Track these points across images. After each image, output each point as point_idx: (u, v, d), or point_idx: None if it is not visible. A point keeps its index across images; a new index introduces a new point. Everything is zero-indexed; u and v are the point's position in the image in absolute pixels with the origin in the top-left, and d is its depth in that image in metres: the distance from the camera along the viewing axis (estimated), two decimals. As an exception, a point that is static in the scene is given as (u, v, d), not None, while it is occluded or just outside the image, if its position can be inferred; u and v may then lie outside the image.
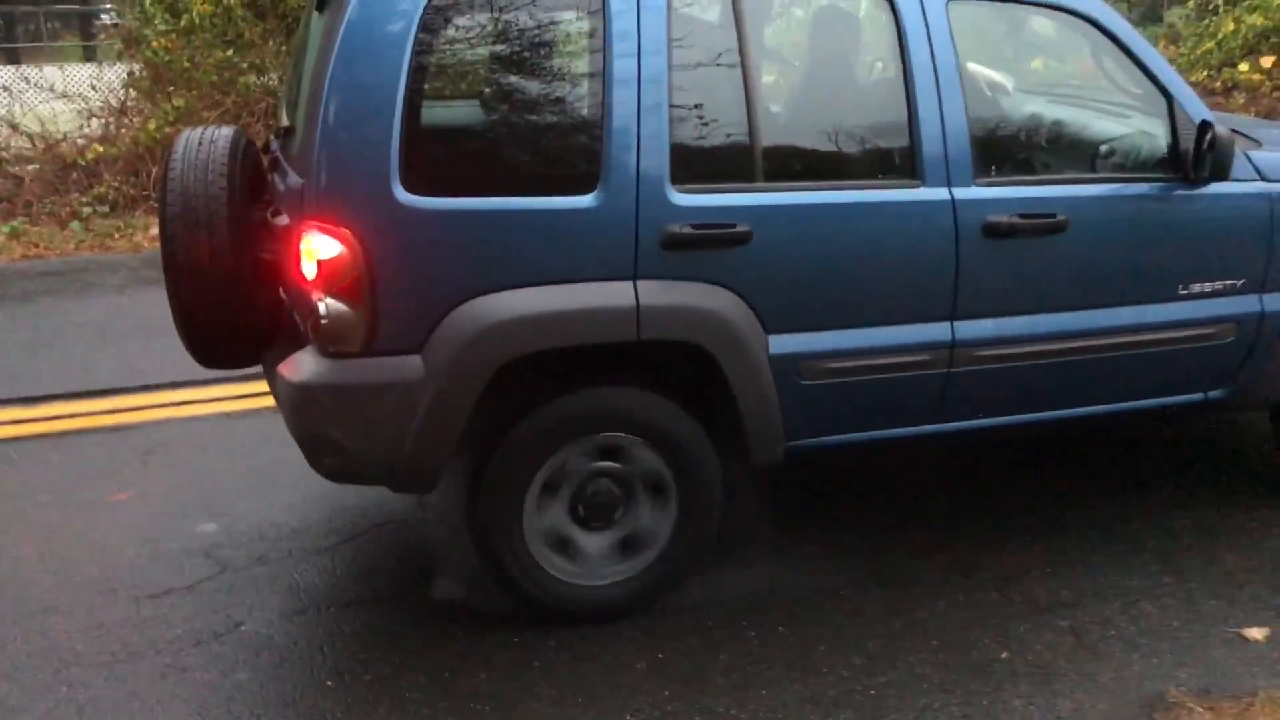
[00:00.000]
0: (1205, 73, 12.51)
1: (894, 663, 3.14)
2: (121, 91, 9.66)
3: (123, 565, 3.66)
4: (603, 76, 2.98)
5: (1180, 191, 3.45)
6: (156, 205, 8.30)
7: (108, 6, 21.57)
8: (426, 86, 2.96)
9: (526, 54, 3.07)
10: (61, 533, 3.87)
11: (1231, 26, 12.29)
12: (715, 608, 3.38)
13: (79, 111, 9.46)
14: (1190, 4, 13.98)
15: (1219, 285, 3.55)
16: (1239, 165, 3.50)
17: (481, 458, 3.11)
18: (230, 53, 9.31)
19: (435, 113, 3.02)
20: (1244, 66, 11.88)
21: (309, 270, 2.91)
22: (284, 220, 3.09)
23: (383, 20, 2.89)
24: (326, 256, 2.86)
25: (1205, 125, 3.35)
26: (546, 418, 3.08)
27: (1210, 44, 12.51)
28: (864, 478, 4.15)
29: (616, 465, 3.19)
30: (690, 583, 3.40)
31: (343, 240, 2.85)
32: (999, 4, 3.53)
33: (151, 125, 8.95)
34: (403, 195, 2.86)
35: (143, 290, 6.90)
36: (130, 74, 9.88)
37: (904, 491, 4.06)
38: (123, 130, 9.28)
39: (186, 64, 9.18)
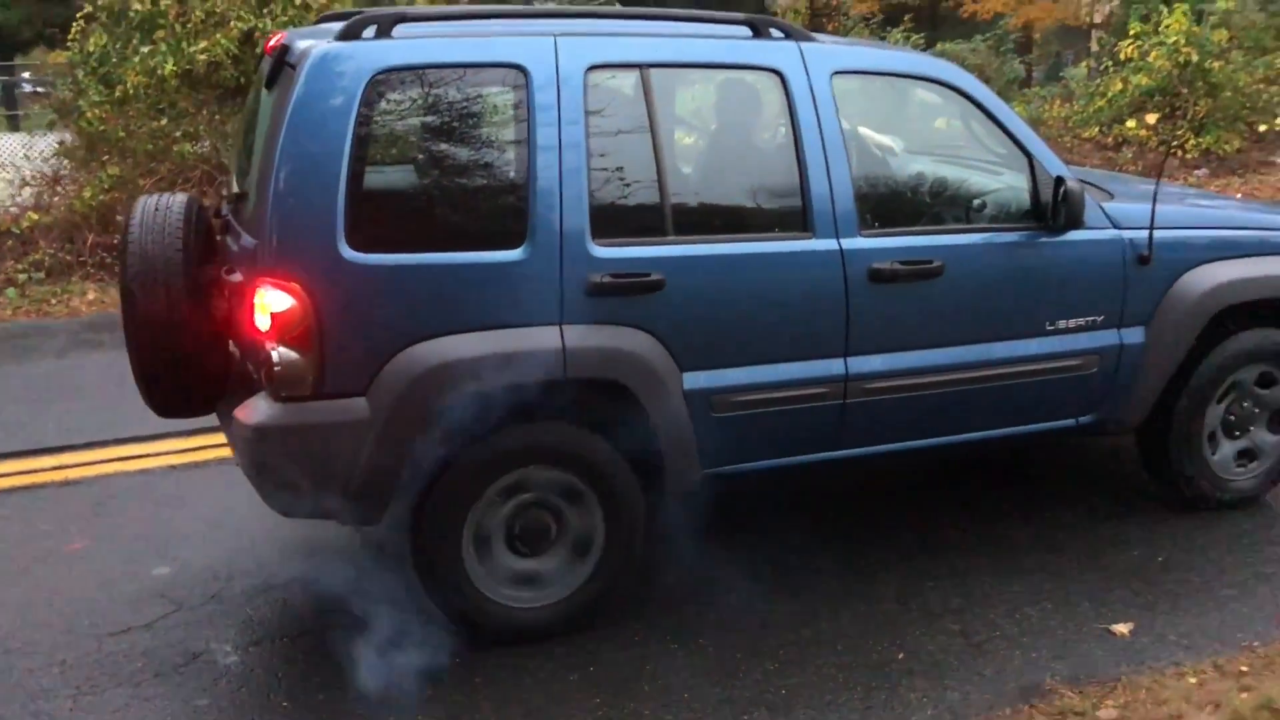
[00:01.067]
0: (1098, 128, 13.33)
1: (803, 666, 3.47)
2: (54, 160, 9.83)
3: (82, 607, 3.86)
4: (528, 144, 3.34)
5: (1043, 239, 3.89)
6: (116, 266, 8.50)
7: (26, 76, 21.63)
8: (368, 155, 3.29)
9: (458, 125, 3.43)
10: (19, 581, 4.06)
11: (1120, 86, 13.14)
12: (642, 624, 3.68)
13: (8, 181, 9.62)
14: (1084, 65, 14.88)
15: (1081, 321, 3.99)
16: (1094, 215, 3.96)
17: (424, 490, 3.40)
18: (164, 121, 9.53)
19: (376, 178, 3.36)
20: (1131, 123, 12.69)
21: (263, 322, 3.21)
22: (237, 277, 3.38)
23: (327, 96, 3.22)
24: (279, 309, 3.16)
25: (1059, 180, 3.81)
26: (482, 452, 3.39)
27: (1101, 102, 13.35)
28: (772, 502, 4.48)
29: (548, 496, 3.50)
30: (619, 603, 3.70)
31: (293, 294, 3.15)
32: (877, 77, 3.99)
33: (87, 193, 9.12)
34: (348, 253, 3.18)
35: (83, 353, 7.07)
36: (62, 143, 10.07)
37: (810, 514, 4.41)
38: (56, 198, 9.44)
39: (121, 133, 9.39)
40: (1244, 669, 3.38)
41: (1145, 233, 3.99)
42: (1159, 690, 3.29)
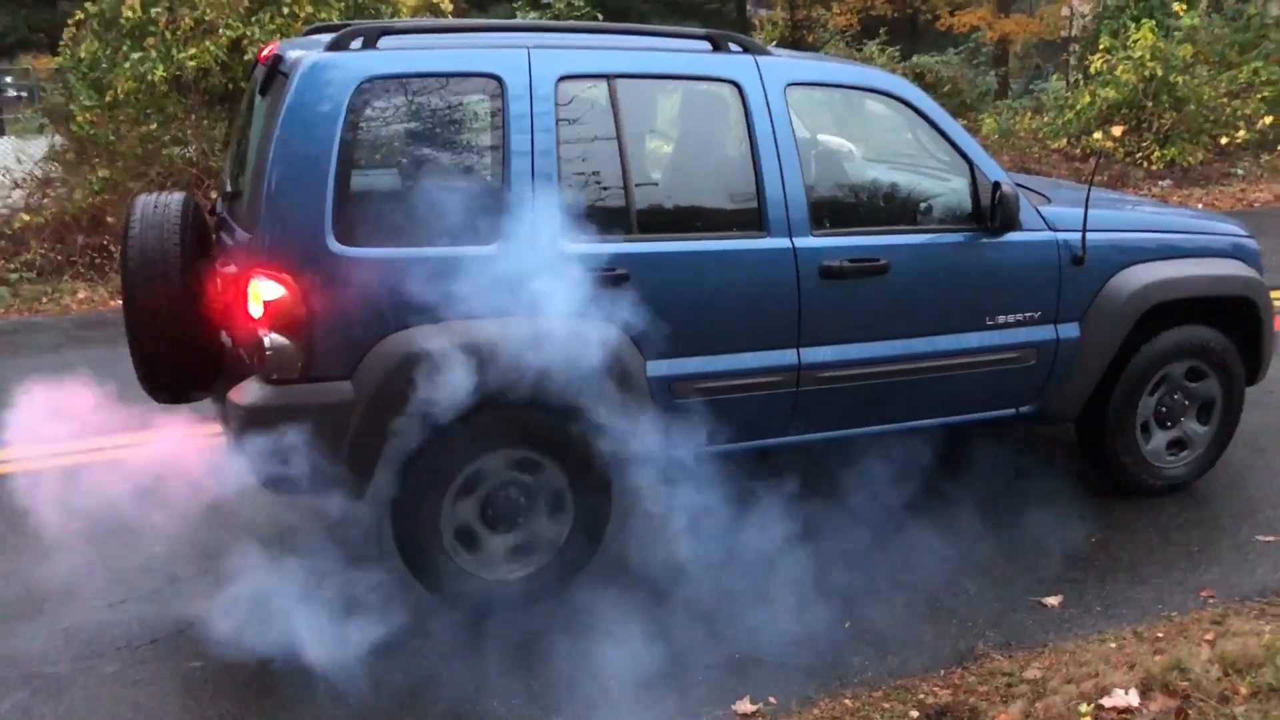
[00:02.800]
0: (1066, 140, 13.69)
1: (753, 634, 3.72)
2: (45, 164, 10.05)
3: (81, 581, 4.09)
4: (503, 149, 3.62)
5: (982, 240, 4.19)
6: (111, 264, 8.64)
7: (9, 80, 21.79)
8: (354, 157, 3.55)
9: (438, 130, 3.71)
10: (18, 559, 4.29)
11: (1088, 99, 13.50)
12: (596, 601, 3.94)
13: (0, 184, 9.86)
14: (1055, 78, 15.25)
15: (1020, 317, 4.29)
16: (1031, 218, 4.26)
17: (409, 464, 3.65)
18: (154, 126, 9.76)
19: (362, 179, 3.62)
20: (1098, 135, 13.05)
21: (256, 310, 3.47)
22: (232, 269, 3.64)
23: (317, 102, 3.49)
24: (271, 298, 3.43)
25: (996, 185, 4.11)
26: (467, 430, 3.64)
27: (1070, 114, 13.71)
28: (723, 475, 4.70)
29: (522, 475, 3.77)
30: (581, 583, 3.95)
31: (285, 284, 3.42)
32: (829, 88, 4.29)
33: (78, 195, 9.35)
34: (336, 246, 3.45)
35: (79, 349, 7.30)
36: (52, 147, 10.30)
37: (756, 489, 4.55)
38: (47, 200, 9.66)
39: (111, 137, 9.62)
40: (1159, 635, 3.67)
41: (1079, 234, 4.29)
42: (1081, 654, 3.57)
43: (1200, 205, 11.51)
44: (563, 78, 3.71)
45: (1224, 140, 13.19)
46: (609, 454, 3.80)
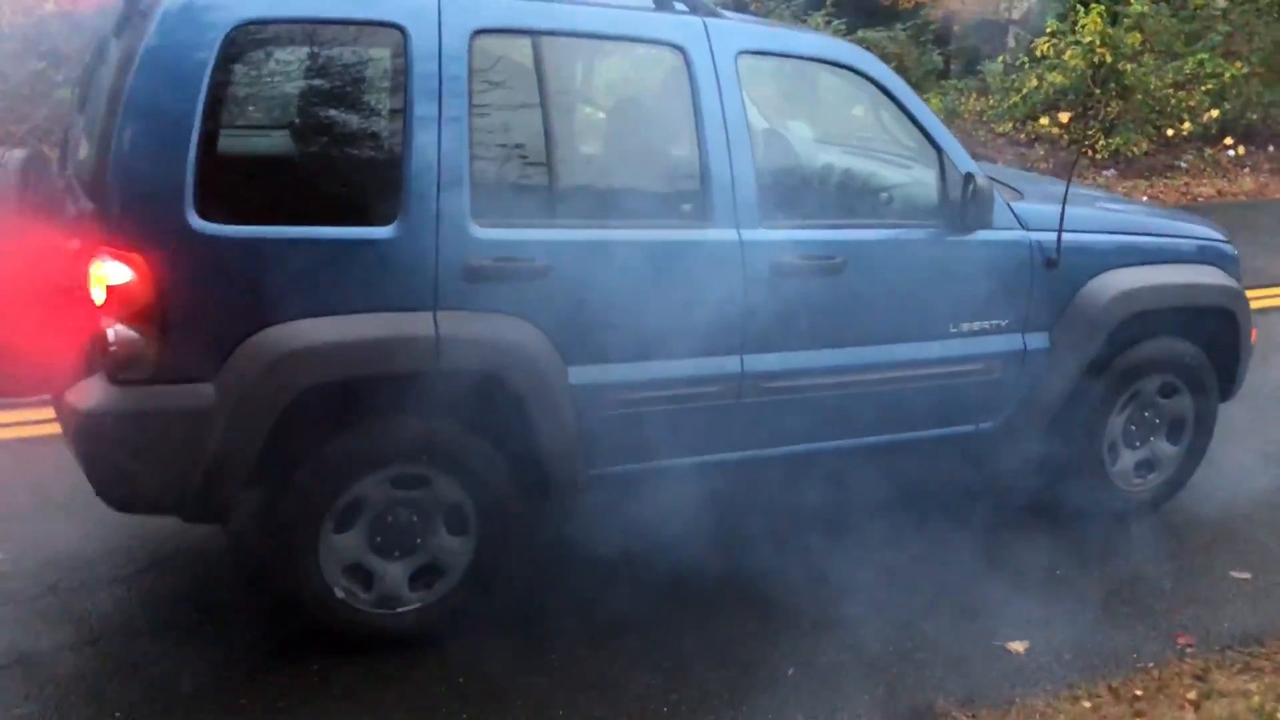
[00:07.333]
0: (1012, 124, 13.40)
1: (687, 681, 3.26)
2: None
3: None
4: (404, 113, 3.06)
5: (949, 238, 3.73)
6: None
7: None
8: (225, 114, 2.99)
9: (328, 87, 3.14)
10: None
11: (1034, 82, 13.20)
12: (518, 630, 3.45)
13: None
14: (1000, 60, 14.94)
15: (985, 325, 3.85)
16: (1002, 215, 3.81)
17: (278, 487, 3.11)
18: (44, 65, 8.98)
19: (234, 141, 3.05)
20: (1044, 120, 12.77)
21: (98, 296, 2.88)
22: (73, 246, 3.05)
23: (181, 49, 2.90)
24: (117, 282, 2.85)
25: (969, 177, 3.65)
26: (343, 447, 3.11)
27: (1016, 98, 13.40)
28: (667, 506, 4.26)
29: (416, 494, 3.24)
30: (493, 608, 3.46)
31: (134, 266, 2.84)
32: (786, 59, 3.78)
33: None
34: (197, 222, 2.87)
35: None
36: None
37: (705, 521, 4.17)
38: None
39: (-8, 77, 8.83)
40: (1138, 693, 3.27)
41: (1053, 235, 3.86)
42: (1053, 716, 3.16)
43: (1145, 198, 11.26)
44: (478, 32, 3.16)
45: (1170, 132, 12.99)
46: (524, 471, 3.31)
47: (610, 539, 3.77)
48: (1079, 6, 13.33)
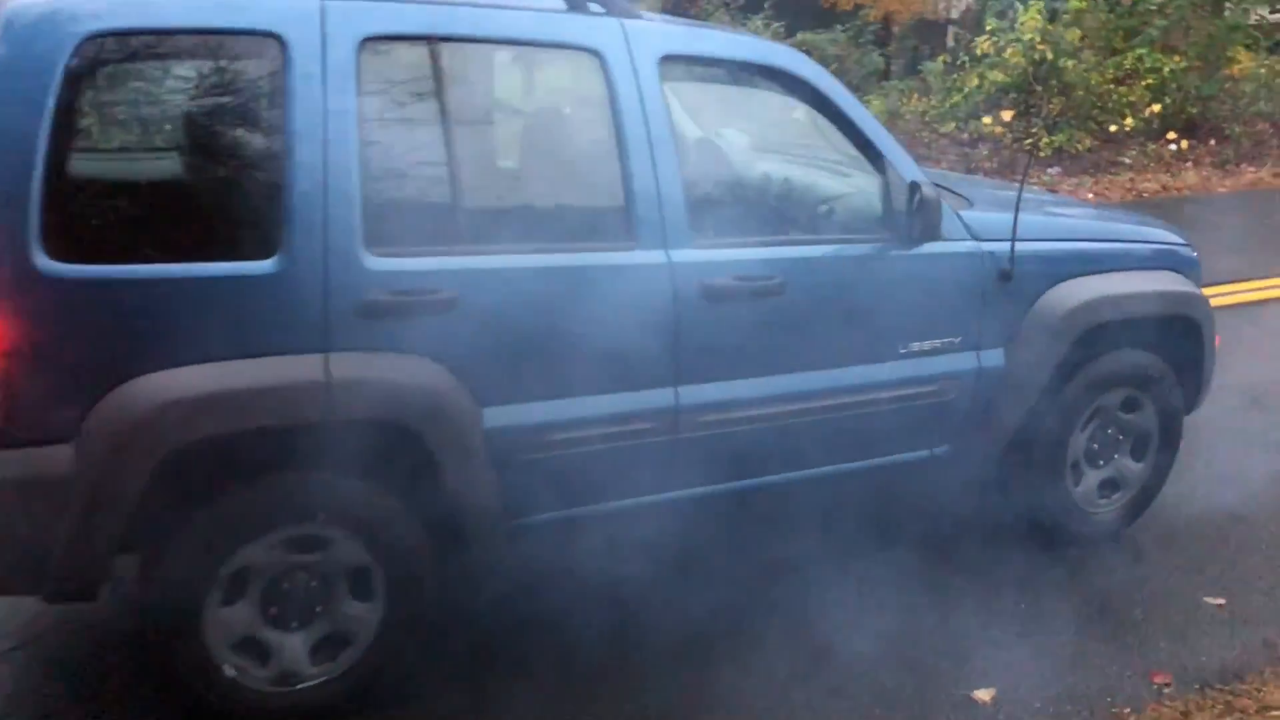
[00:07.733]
0: (955, 125, 13.25)
1: None
2: None
3: None
4: (284, 131, 2.71)
5: (895, 252, 3.45)
6: None
7: None
8: (76, 139, 2.61)
9: (196, 105, 2.78)
10: None
11: (976, 82, 13.06)
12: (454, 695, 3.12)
13: None
14: (941, 60, 14.80)
15: (937, 344, 3.57)
16: (951, 225, 3.54)
17: (152, 557, 2.75)
18: None
19: (88, 168, 2.66)
20: (987, 120, 12.62)
21: (-70, 349, 2.51)
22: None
23: (22, 61, 2.54)
24: (-49, 334, 2.47)
25: (914, 186, 3.37)
26: (225, 510, 2.75)
27: (958, 97, 13.26)
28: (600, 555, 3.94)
29: (313, 558, 2.89)
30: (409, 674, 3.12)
31: (-29, 316, 2.47)
32: (712, 66, 3.47)
33: None
34: (44, 262, 2.51)
35: None
36: None
37: (639, 568, 3.83)
38: None
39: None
40: (1116, 746, 3.01)
41: (1006, 245, 3.59)
42: (1024, 777, 2.88)
43: (1091, 195, 11.13)
44: (368, 39, 2.82)
45: (1112, 128, 12.92)
46: (437, 526, 2.98)
47: (541, 591, 3.45)
48: (1018, 4, 13.24)
